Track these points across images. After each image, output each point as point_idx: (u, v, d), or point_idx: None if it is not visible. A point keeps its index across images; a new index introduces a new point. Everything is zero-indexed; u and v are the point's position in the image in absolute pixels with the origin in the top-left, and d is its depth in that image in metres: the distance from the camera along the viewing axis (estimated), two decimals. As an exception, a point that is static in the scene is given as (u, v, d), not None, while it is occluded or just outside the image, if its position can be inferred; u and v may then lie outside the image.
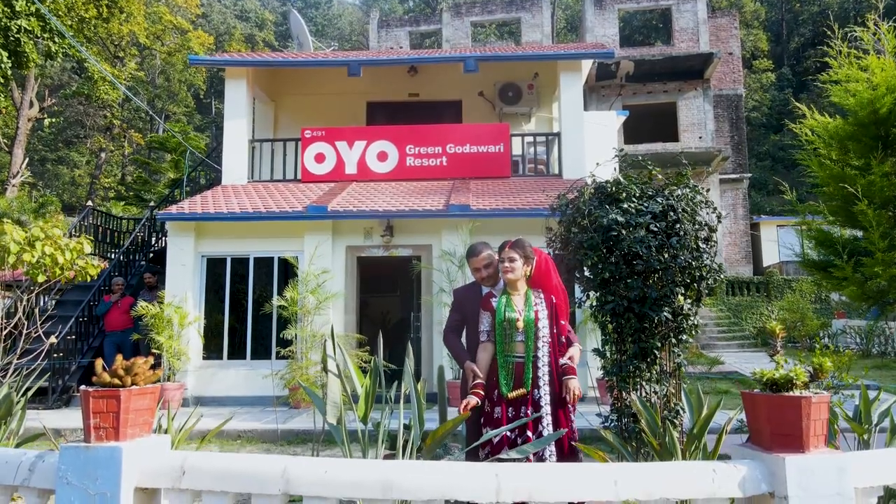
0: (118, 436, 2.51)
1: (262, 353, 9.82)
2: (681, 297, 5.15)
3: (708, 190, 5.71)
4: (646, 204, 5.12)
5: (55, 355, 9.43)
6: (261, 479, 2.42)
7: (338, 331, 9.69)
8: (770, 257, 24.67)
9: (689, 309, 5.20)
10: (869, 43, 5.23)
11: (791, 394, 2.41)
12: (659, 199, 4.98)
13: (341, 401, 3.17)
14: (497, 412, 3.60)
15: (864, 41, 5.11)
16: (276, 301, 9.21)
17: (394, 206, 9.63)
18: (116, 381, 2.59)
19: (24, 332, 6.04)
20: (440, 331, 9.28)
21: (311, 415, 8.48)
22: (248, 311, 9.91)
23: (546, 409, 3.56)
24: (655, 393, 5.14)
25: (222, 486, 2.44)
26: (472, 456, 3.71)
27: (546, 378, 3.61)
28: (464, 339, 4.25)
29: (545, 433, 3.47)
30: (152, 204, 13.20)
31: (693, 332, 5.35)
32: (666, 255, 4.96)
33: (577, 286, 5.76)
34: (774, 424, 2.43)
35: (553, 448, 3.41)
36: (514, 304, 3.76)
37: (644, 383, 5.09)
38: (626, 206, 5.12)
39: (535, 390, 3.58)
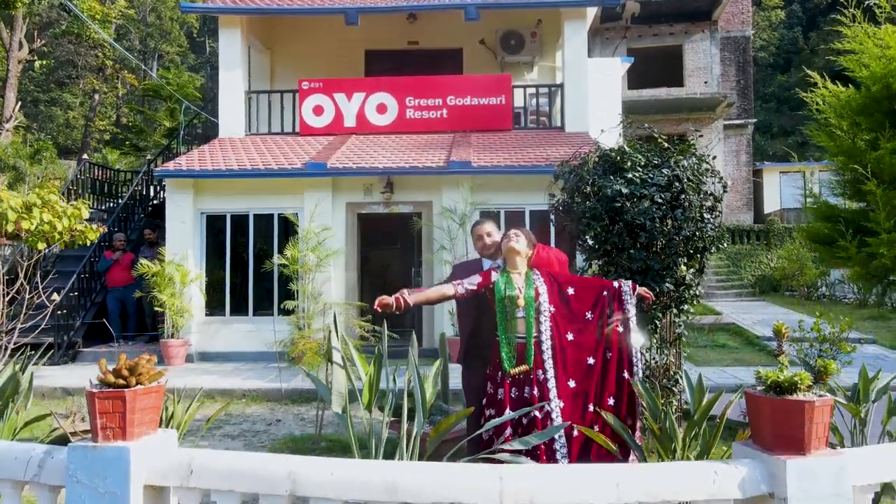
0: (125, 435, 2.53)
1: (264, 309, 9.89)
2: (683, 268, 5.14)
3: (711, 149, 5.61)
4: (651, 174, 5.05)
5: (59, 312, 9.49)
6: (268, 479, 2.45)
7: (338, 289, 9.73)
8: (771, 204, 24.54)
9: (692, 279, 5.20)
10: (886, 8, 5.04)
11: (795, 397, 2.42)
12: (665, 171, 4.89)
13: (346, 391, 3.18)
14: (500, 393, 3.63)
15: (882, 6, 4.91)
16: (276, 260, 9.19)
17: (393, 163, 9.50)
18: (121, 381, 2.59)
19: (27, 295, 6.03)
20: (441, 280, 9.30)
21: (315, 373, 8.61)
22: (249, 268, 9.92)
23: (553, 392, 3.58)
24: (655, 361, 5.20)
25: (229, 486, 2.48)
26: (475, 440, 3.75)
27: (550, 361, 3.62)
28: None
29: (554, 417, 3.51)
30: (149, 157, 13.02)
31: (694, 302, 5.37)
32: (670, 226, 4.92)
33: (578, 253, 5.74)
34: (777, 426, 2.45)
35: (563, 440, 3.45)
36: (514, 282, 3.75)
37: (644, 351, 5.13)
38: (630, 175, 5.05)
39: (539, 370, 3.60)
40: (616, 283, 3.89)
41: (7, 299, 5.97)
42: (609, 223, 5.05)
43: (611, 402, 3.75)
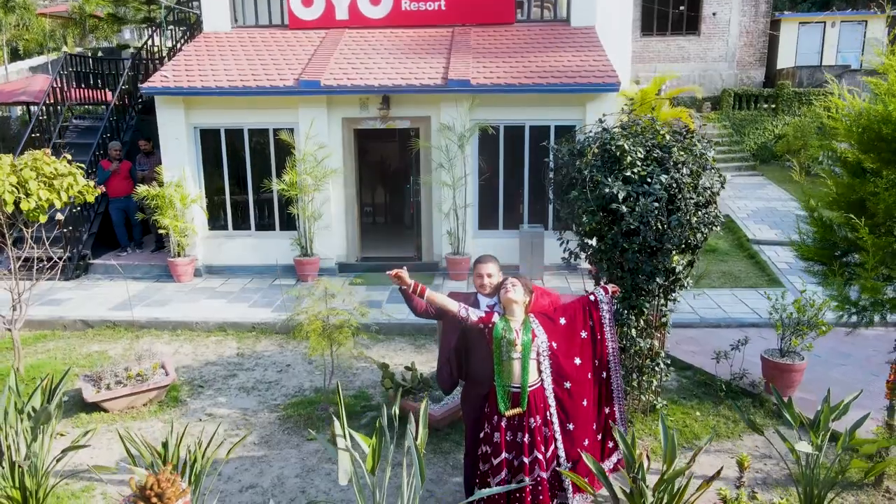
0: (161, 549, 2.91)
1: (266, 224, 10.05)
2: (676, 258, 5.27)
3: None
4: (650, 169, 4.99)
5: (64, 230, 9.68)
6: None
7: (337, 208, 9.81)
8: (786, 60, 23.49)
9: (682, 272, 5.36)
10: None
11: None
12: (663, 178, 4.84)
13: (352, 468, 3.50)
14: (496, 436, 3.96)
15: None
16: (275, 186, 9.21)
17: (389, 78, 9.11)
18: (155, 500, 2.90)
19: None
20: (439, 208, 9.45)
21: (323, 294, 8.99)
22: (248, 184, 9.91)
23: (557, 428, 3.94)
24: (640, 345, 5.52)
25: None
26: (472, 468, 4.17)
27: (554, 407, 3.94)
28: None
29: (560, 455, 3.92)
30: (132, 50, 12.34)
31: (684, 288, 5.57)
32: (665, 229, 4.97)
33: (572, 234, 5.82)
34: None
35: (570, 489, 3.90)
36: (511, 327, 3.94)
37: (633, 331, 5.45)
38: (628, 173, 5.01)
39: (531, 418, 3.91)
40: (592, 297, 4.19)
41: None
42: (603, 219, 5.11)
43: (599, 437, 4.18)
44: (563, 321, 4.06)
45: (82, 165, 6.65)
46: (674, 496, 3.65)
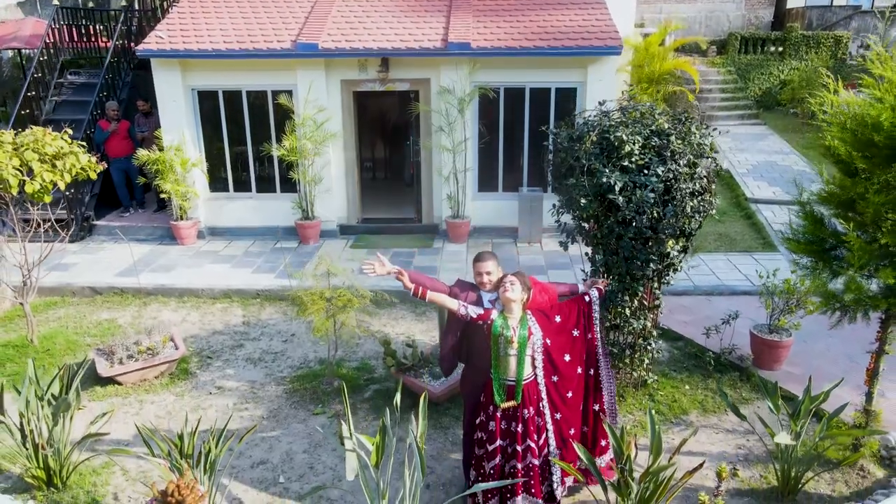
0: (184, 548, 3.17)
1: (266, 186, 10.09)
2: (671, 242, 5.38)
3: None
4: (647, 157, 5.05)
5: (66, 192, 9.72)
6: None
7: (338, 171, 9.84)
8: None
9: (676, 257, 5.49)
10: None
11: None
12: (660, 170, 4.91)
13: (359, 466, 3.73)
14: (492, 425, 4.19)
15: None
16: (276, 151, 9.21)
17: (388, 40, 8.96)
18: (174, 508, 3.14)
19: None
20: (439, 172, 9.49)
21: (325, 257, 9.15)
22: (248, 146, 9.90)
23: (548, 419, 4.18)
24: (632, 326, 5.71)
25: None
26: (470, 449, 4.43)
27: (546, 399, 4.16)
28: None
29: (551, 444, 4.17)
30: (124, 2, 12.05)
31: (677, 272, 5.71)
32: (660, 219, 5.07)
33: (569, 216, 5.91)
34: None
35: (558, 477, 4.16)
36: (508, 323, 4.11)
37: (627, 311, 5.64)
38: (626, 162, 5.06)
39: (525, 409, 4.13)
40: (587, 298, 4.36)
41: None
42: (599, 206, 5.20)
43: (584, 429, 4.43)
44: (557, 319, 4.22)
45: (84, 144, 6.68)
46: (658, 486, 3.91)
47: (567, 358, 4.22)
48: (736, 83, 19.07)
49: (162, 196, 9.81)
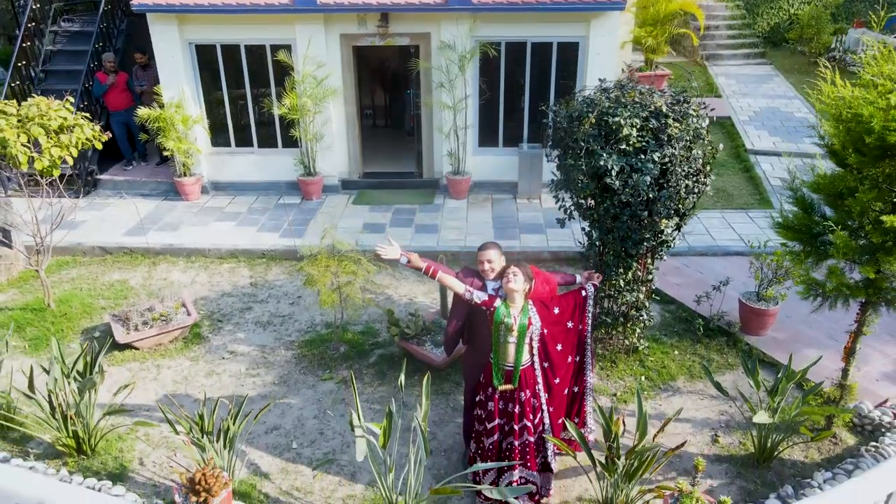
0: (212, 529, 3.53)
1: (267, 141, 10.12)
2: (664, 223, 5.56)
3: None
4: (644, 139, 5.15)
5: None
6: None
7: (339, 127, 9.85)
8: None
9: (670, 234, 5.67)
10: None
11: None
12: (656, 157, 5.02)
13: (368, 452, 4.04)
14: (490, 405, 4.51)
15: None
16: (276, 109, 9.20)
17: (388, -6, 8.79)
18: (204, 495, 3.47)
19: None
20: (440, 129, 9.53)
21: (328, 214, 9.33)
22: (248, 101, 9.87)
23: (543, 400, 4.49)
24: (625, 298, 5.97)
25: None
26: (469, 421, 4.77)
27: (541, 384, 4.45)
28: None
29: (546, 422, 4.50)
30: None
31: (670, 248, 5.91)
32: (656, 201, 5.23)
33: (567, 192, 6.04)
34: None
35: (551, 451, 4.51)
36: (510, 312, 4.34)
37: (622, 282, 5.89)
38: (623, 146, 5.17)
39: (521, 393, 4.43)
40: (583, 292, 4.59)
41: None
42: (596, 186, 5.35)
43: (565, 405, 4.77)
44: (556, 311, 4.45)
45: (88, 116, 6.72)
46: (642, 463, 4.25)
47: (559, 347, 4.49)
48: (744, 18, 18.62)
49: (165, 154, 9.87)
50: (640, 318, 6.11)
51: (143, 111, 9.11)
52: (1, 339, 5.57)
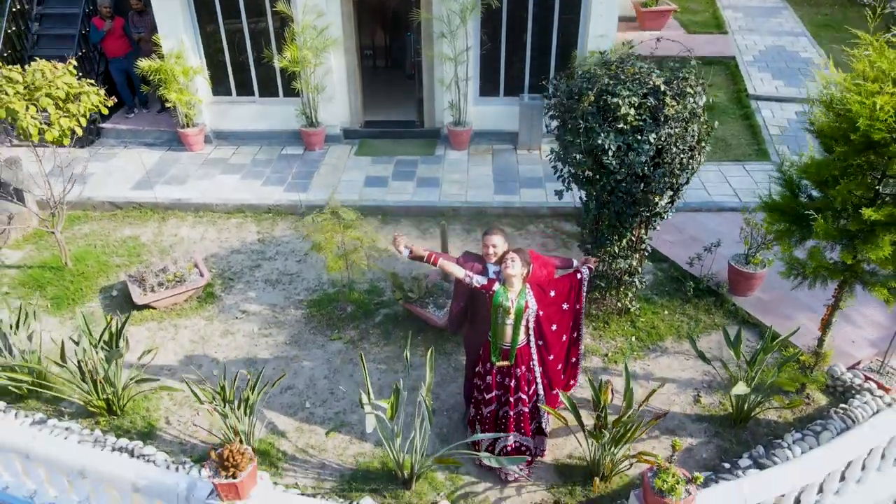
0: (240, 497, 3.95)
1: (268, 91, 10.11)
2: (658, 197, 5.77)
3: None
4: (642, 117, 5.28)
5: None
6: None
7: (339, 77, 9.82)
8: None
9: (664, 207, 5.89)
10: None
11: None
12: (651, 138, 5.17)
13: (376, 422, 4.43)
14: (488, 378, 4.88)
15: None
16: (277, 62, 9.15)
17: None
18: (232, 470, 3.87)
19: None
20: (441, 81, 9.54)
21: (331, 167, 9.48)
22: (248, 51, 9.79)
23: (538, 374, 4.85)
24: (619, 265, 6.25)
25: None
26: (470, 387, 5.17)
27: (536, 359, 4.80)
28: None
29: (539, 393, 4.89)
30: None
31: (663, 219, 6.13)
32: (651, 180, 5.42)
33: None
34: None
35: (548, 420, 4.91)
36: (508, 295, 4.64)
37: (616, 249, 6.17)
38: (621, 125, 5.31)
39: (516, 369, 4.79)
40: (578, 275, 4.87)
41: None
42: (594, 163, 5.52)
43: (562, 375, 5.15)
44: (552, 294, 4.73)
45: (93, 83, 6.78)
46: (628, 431, 4.66)
47: (554, 328, 4.81)
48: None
49: (168, 105, 9.89)
50: (633, 282, 6.42)
51: (144, 63, 9.08)
52: (27, 303, 5.90)
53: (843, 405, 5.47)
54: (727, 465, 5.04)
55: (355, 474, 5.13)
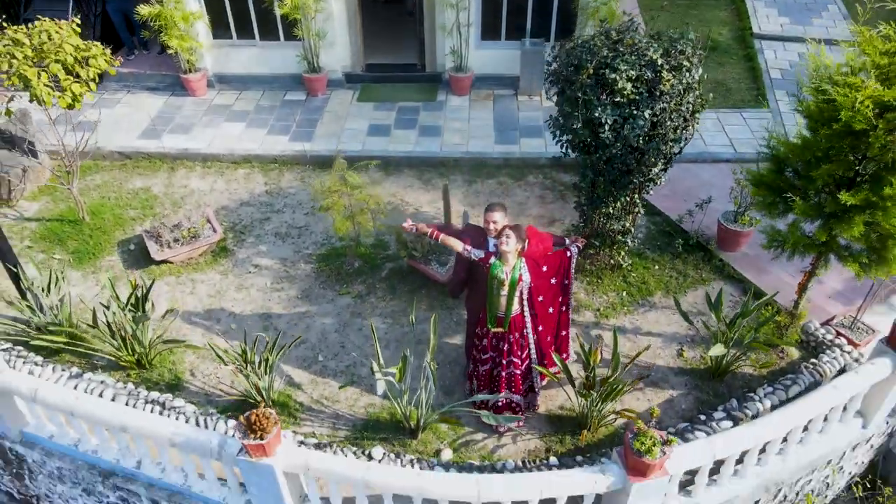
0: (267, 454, 4.46)
1: (270, 34, 10.05)
2: (651, 168, 6.01)
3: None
4: (638, 90, 5.46)
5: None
6: (347, 478, 4.48)
7: (340, 23, 9.76)
8: None
9: (658, 173, 6.15)
10: None
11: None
12: (647, 113, 5.36)
13: (386, 387, 4.89)
14: (485, 341, 5.32)
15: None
16: (278, 10, 9.08)
17: None
18: (260, 432, 4.35)
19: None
20: (443, 28, 9.52)
21: (334, 114, 9.61)
22: (246, -7, 9.70)
23: (531, 339, 5.29)
24: (614, 227, 6.58)
25: (328, 477, 4.54)
26: (470, 345, 5.62)
27: (530, 326, 5.21)
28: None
29: (532, 357, 5.34)
30: None
31: (656, 186, 6.39)
32: (645, 152, 5.65)
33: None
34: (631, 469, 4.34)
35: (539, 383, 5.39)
36: (503, 268, 5.00)
37: (611, 210, 6.49)
38: (618, 98, 5.49)
39: (510, 335, 5.21)
40: (568, 253, 5.21)
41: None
42: (590, 133, 5.73)
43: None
44: (545, 269, 5.09)
45: (98, 44, 6.84)
46: (613, 391, 5.14)
47: (541, 299, 5.16)
48: None
49: (169, 52, 9.87)
50: (626, 242, 6.76)
51: (143, 9, 9.02)
52: (50, 257, 6.26)
53: (813, 360, 5.92)
54: (703, 417, 5.56)
55: (366, 424, 5.66)
